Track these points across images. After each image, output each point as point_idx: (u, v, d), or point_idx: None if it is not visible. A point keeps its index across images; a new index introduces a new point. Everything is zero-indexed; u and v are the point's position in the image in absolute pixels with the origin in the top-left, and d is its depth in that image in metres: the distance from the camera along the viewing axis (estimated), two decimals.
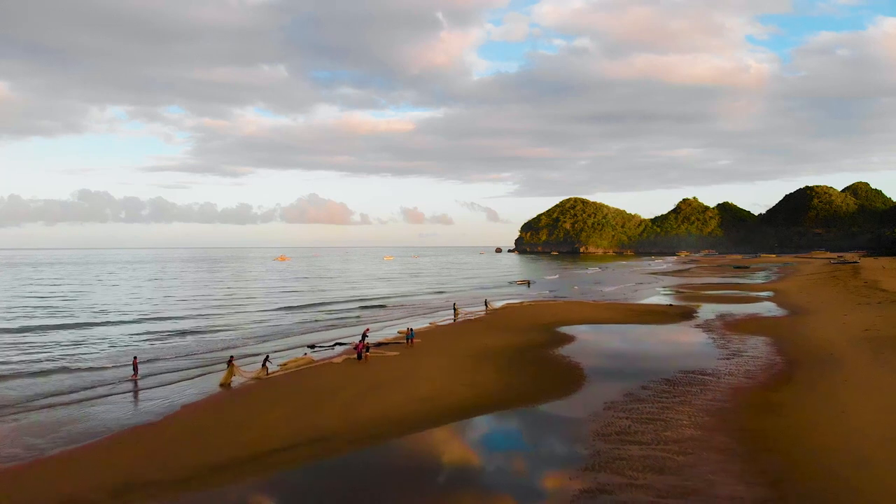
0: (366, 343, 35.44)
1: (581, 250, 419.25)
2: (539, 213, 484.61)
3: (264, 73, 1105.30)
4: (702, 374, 28.65)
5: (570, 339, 40.08)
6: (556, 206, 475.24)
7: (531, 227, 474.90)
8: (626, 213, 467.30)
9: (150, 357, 36.37)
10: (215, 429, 21.29)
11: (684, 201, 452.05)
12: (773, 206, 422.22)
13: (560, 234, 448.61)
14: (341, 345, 40.00)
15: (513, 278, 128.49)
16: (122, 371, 32.56)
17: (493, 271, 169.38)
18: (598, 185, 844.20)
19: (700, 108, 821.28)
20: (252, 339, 44.72)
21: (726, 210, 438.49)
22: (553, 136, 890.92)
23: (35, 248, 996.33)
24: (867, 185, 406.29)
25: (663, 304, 65.54)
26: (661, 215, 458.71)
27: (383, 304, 71.90)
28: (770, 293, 76.41)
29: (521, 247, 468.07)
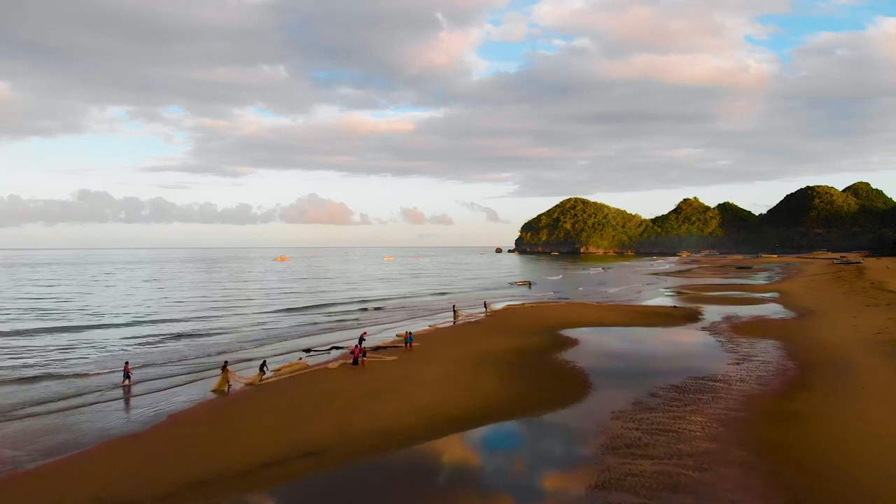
0: (362, 347, 34.33)
1: (581, 250, 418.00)
2: (539, 213, 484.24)
3: (264, 73, 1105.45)
4: (712, 381, 27.53)
5: (574, 343, 38.96)
6: (557, 206, 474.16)
7: (531, 228, 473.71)
8: (627, 213, 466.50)
9: (142, 362, 35.21)
10: (202, 441, 20.16)
11: (685, 201, 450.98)
12: (774, 206, 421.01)
13: (560, 234, 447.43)
14: (338, 349, 38.86)
15: (513, 279, 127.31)
16: (111, 377, 31.37)
17: (493, 272, 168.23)
18: (598, 185, 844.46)
19: (700, 108, 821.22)
20: (248, 342, 43.57)
21: (727, 210, 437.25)
22: (553, 136, 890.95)
23: (35, 249, 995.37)
24: (868, 185, 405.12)
25: (667, 305, 64.42)
26: (662, 215, 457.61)
27: (382, 305, 70.78)
28: (775, 294, 75.31)
29: (522, 247, 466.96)
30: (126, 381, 29.67)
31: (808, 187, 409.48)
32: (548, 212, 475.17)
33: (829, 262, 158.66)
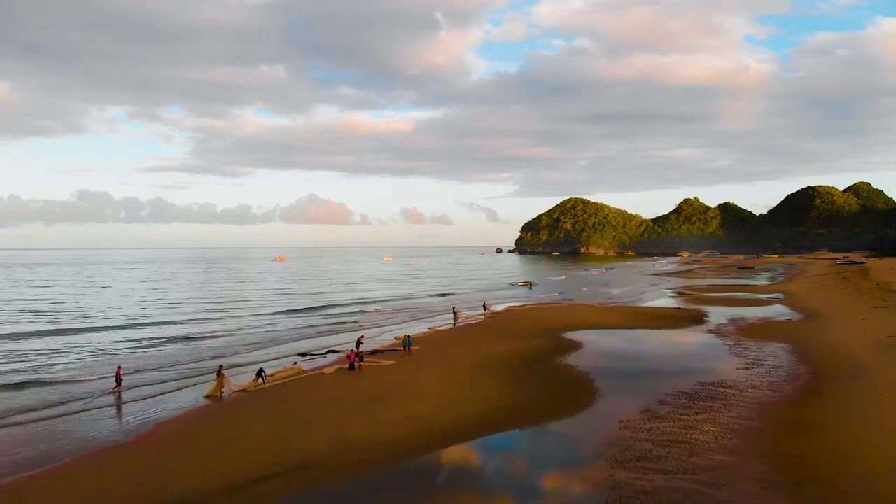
0: (359, 352, 33.23)
1: (582, 251, 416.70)
2: (539, 213, 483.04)
3: (264, 74, 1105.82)
4: (722, 387, 26.45)
5: (578, 346, 37.89)
6: (557, 206, 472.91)
7: (532, 228, 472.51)
8: (627, 213, 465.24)
9: (133, 367, 34.13)
10: (187, 453, 19.07)
11: (685, 201, 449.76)
12: (775, 206, 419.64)
13: (561, 234, 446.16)
14: (334, 352, 37.77)
15: (514, 279, 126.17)
16: (100, 383, 30.31)
17: (494, 272, 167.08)
18: (598, 186, 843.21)
19: (700, 108, 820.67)
20: (243, 346, 42.48)
21: (728, 210, 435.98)
22: (553, 136, 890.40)
23: (34, 249, 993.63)
24: (869, 185, 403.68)
25: (671, 306, 63.35)
26: (663, 215, 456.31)
27: (382, 307, 69.69)
28: (780, 295, 74.24)
29: (522, 247, 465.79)
30: (117, 387, 28.64)
31: (809, 187, 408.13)
32: (548, 212, 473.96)
33: (832, 263, 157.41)
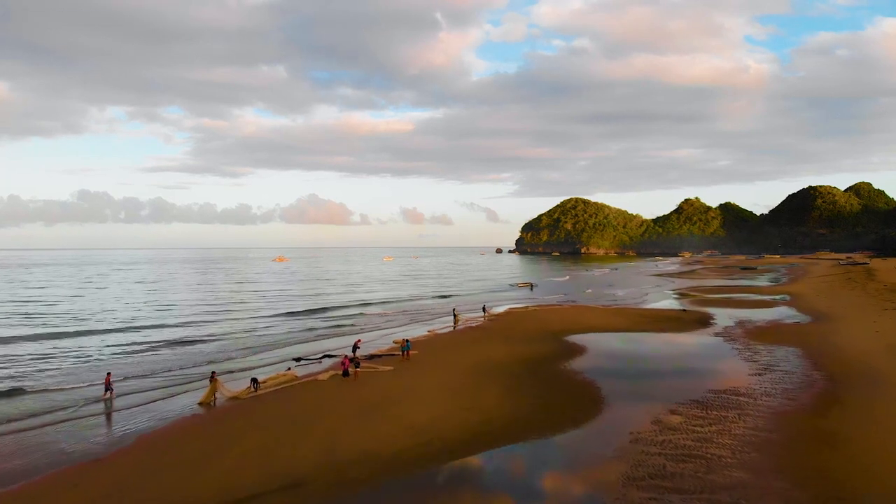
0: (356, 357, 32.02)
1: (582, 251, 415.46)
2: (539, 213, 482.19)
3: (263, 74, 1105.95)
4: (735, 395, 25.24)
5: (582, 351, 36.69)
6: (558, 206, 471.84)
7: (532, 228, 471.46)
8: (628, 213, 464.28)
9: (122, 374, 32.83)
10: (168, 468, 17.86)
11: (686, 201, 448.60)
12: (776, 207, 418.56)
13: (561, 234, 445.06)
14: (330, 357, 36.58)
15: (516, 280, 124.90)
16: (87, 391, 29.12)
17: (494, 273, 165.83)
18: (598, 186, 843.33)
19: (700, 108, 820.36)
20: (238, 350, 41.26)
21: (728, 210, 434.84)
22: (553, 137, 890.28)
23: (34, 249, 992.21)
24: (870, 185, 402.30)
25: (676, 308, 62.12)
26: (663, 216, 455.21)
27: (381, 309, 68.50)
28: (785, 296, 73.00)
29: (522, 247, 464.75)
30: (107, 394, 27.43)
31: (810, 187, 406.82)
32: (548, 212, 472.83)
33: (835, 263, 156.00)
